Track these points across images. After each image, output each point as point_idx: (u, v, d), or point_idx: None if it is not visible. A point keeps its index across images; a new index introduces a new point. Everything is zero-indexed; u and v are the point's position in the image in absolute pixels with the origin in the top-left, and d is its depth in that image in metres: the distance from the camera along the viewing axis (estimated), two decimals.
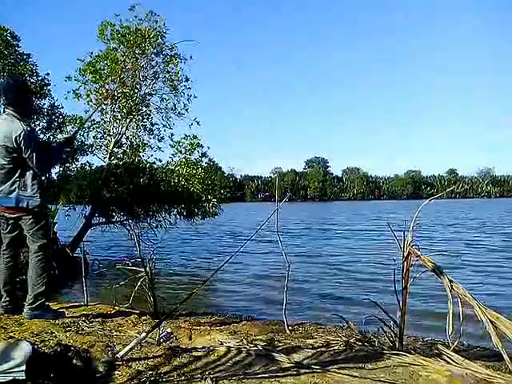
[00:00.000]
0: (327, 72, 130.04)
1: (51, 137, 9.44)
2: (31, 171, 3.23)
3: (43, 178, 3.43)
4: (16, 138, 3.10)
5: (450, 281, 2.74)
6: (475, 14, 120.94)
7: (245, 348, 2.73)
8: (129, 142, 10.58)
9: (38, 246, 3.30)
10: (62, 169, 9.74)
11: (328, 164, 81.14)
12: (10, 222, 3.37)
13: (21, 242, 3.51)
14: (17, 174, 3.21)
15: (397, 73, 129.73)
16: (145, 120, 10.52)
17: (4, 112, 3.28)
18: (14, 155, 3.16)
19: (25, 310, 3.34)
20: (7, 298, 3.45)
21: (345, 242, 14.25)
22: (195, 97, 10.22)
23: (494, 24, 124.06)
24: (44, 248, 3.33)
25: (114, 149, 10.13)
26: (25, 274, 3.45)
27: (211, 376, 2.26)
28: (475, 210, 34.05)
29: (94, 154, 10.25)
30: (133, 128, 10.46)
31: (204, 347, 2.77)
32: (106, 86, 9.37)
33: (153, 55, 9.66)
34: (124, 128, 10.17)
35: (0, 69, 8.27)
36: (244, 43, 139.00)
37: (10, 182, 3.22)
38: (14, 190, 3.22)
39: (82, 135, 9.83)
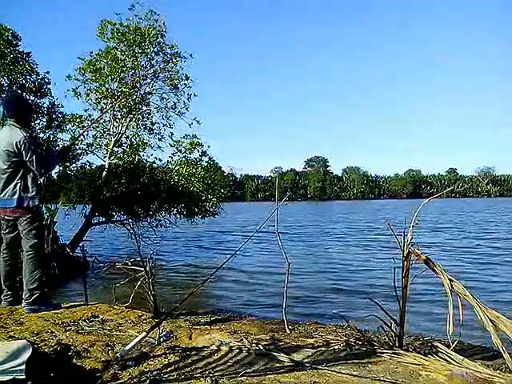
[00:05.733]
0: (327, 72, 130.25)
1: (51, 135, 9.42)
2: (31, 174, 3.48)
3: (42, 179, 3.64)
4: (17, 143, 3.37)
5: (450, 280, 2.73)
6: (475, 13, 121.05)
7: (245, 347, 2.73)
8: (129, 142, 10.56)
9: (29, 246, 3.51)
10: (62, 168, 9.73)
11: (328, 163, 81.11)
12: (10, 223, 3.60)
13: (20, 242, 3.67)
14: (18, 177, 3.46)
15: (397, 72, 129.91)
16: (145, 119, 10.50)
17: (5, 124, 3.59)
18: (15, 159, 3.41)
19: (23, 305, 3.50)
20: (9, 292, 3.66)
21: (345, 242, 14.25)
22: (195, 95, 10.22)
23: (489, 24, 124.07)
24: (35, 247, 3.53)
25: (114, 148, 10.11)
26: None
27: (211, 375, 2.26)
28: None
29: (94, 154, 10.24)
30: (133, 127, 10.44)
31: (204, 346, 2.77)
32: (106, 85, 9.36)
33: (153, 54, 9.65)
34: (124, 127, 10.16)
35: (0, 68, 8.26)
36: (244, 43, 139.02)
37: (12, 184, 3.46)
38: (16, 191, 3.45)
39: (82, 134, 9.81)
